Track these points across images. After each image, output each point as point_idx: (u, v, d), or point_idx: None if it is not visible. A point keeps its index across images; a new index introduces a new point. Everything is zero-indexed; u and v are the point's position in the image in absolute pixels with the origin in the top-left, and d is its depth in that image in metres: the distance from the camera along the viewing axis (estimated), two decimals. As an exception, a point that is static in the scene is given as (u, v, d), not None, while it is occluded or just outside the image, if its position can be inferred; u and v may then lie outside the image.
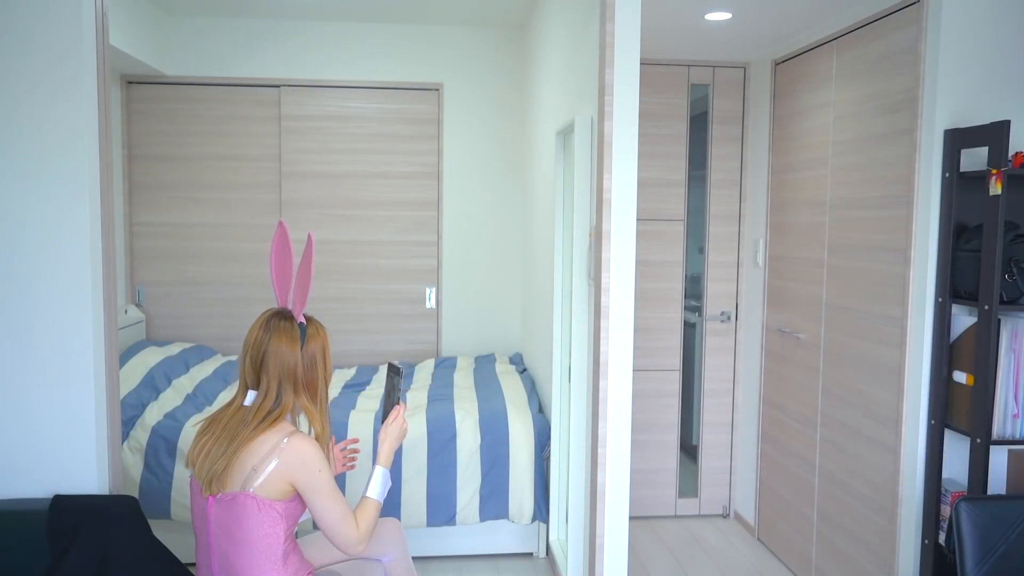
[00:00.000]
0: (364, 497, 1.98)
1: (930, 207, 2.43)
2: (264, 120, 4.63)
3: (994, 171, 2.17)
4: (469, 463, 3.32)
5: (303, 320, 1.96)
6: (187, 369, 4.01)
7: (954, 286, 2.37)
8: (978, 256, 2.25)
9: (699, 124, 3.95)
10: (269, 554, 1.84)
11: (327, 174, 4.68)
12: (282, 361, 1.87)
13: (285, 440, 1.84)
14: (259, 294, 4.70)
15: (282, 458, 1.82)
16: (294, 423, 1.96)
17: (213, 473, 1.83)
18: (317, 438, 1.95)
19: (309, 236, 2.07)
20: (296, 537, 2.09)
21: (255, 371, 1.89)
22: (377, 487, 1.99)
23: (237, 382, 1.98)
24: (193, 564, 3.19)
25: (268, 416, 1.86)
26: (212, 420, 1.93)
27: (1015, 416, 2.28)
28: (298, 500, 1.89)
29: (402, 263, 4.77)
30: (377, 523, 2.31)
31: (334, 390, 3.99)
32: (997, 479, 2.42)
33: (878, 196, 2.73)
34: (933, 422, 2.42)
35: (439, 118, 4.74)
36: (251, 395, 1.91)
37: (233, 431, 1.85)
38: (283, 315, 1.94)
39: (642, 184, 3.87)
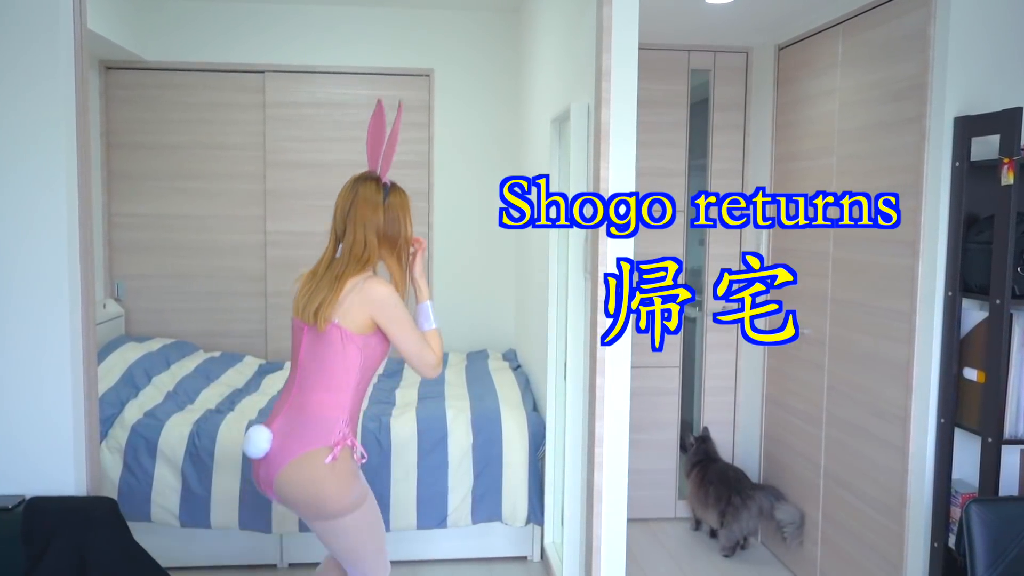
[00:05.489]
0: (427, 331, 2.28)
1: (939, 198, 2.40)
2: (248, 107, 4.58)
3: (1006, 160, 2.14)
4: (461, 463, 3.27)
5: (387, 182, 2.23)
6: (168, 366, 3.97)
7: (964, 280, 2.34)
8: (989, 248, 2.23)
9: (700, 111, 3.90)
10: (343, 379, 2.14)
11: (313, 163, 4.64)
12: (367, 212, 2.16)
13: (363, 282, 2.15)
14: (243, 288, 4.63)
15: (360, 296, 2.13)
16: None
17: (311, 309, 2.12)
18: (396, 286, 2.24)
19: (399, 106, 2.40)
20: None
21: (343, 222, 2.18)
22: (431, 317, 2.30)
23: (325, 251, 2.26)
24: (172, 568, 3.14)
25: (357, 260, 2.15)
26: (311, 272, 2.23)
27: (1028, 415, 2.25)
28: (378, 336, 2.16)
29: (392, 255, 4.71)
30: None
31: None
32: (1009, 480, 2.40)
33: (885, 186, 2.71)
34: (942, 421, 2.40)
35: (430, 105, 4.70)
36: (341, 248, 2.21)
37: (332, 274, 2.16)
38: (369, 176, 2.23)
39: (641, 174, 3.80)
